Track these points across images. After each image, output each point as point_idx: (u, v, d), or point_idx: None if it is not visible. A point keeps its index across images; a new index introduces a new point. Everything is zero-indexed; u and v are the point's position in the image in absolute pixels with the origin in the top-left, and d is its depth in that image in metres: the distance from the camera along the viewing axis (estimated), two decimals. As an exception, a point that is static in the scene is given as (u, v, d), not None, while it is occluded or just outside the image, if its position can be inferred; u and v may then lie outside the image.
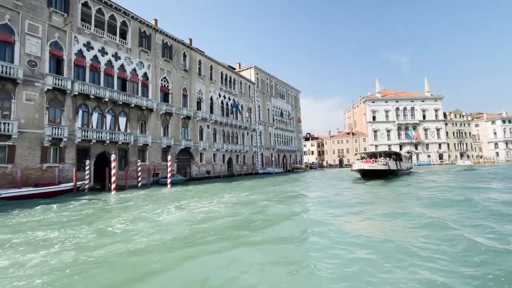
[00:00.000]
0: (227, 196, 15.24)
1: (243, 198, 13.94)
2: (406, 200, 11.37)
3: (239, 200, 13.10)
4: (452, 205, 9.84)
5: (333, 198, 13.18)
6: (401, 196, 12.87)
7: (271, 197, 13.95)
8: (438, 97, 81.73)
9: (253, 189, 19.45)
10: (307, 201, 13.03)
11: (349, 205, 10.93)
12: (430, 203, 10.32)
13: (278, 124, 59.36)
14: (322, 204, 11.70)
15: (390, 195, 12.87)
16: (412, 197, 12.02)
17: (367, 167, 22.08)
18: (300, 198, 13.88)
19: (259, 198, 13.47)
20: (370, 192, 14.95)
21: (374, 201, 11.67)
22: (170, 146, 31.35)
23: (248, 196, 15.01)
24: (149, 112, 29.44)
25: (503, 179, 20.73)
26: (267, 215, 9.62)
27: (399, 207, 9.93)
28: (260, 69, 54.82)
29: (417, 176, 26.81)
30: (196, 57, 37.74)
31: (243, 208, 10.81)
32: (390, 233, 6.69)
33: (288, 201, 12.76)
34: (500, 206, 9.42)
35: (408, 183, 19.17)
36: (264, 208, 10.67)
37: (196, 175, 35.44)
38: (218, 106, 41.55)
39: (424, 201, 11.00)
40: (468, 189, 13.74)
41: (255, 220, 8.80)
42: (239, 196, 14.92)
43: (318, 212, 9.72)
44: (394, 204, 10.64)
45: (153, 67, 30.71)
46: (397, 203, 10.98)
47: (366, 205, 10.58)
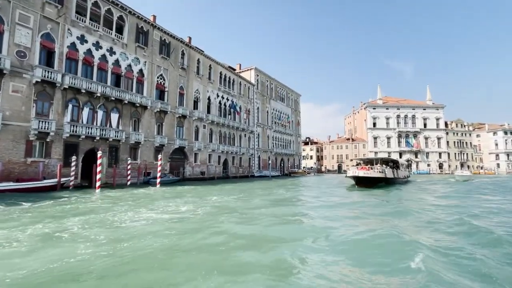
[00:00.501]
0: (208, 201, 14.45)
1: (224, 204, 13.05)
2: (391, 218, 9.73)
3: (217, 207, 12.10)
4: (443, 229, 7.91)
5: (319, 211, 11.48)
6: (388, 210, 11.46)
7: (254, 205, 12.64)
8: (439, 106, 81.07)
9: (241, 193, 18.64)
10: (283, 218, 9.91)
11: (329, 219, 9.61)
12: (416, 225, 8.64)
13: (277, 127, 58.69)
14: (296, 224, 9.10)
15: (376, 210, 11.31)
16: (399, 213, 10.73)
17: (361, 174, 21.02)
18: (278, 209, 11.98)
19: (240, 207, 12.24)
20: (359, 203, 13.32)
21: (359, 216, 10.17)
22: (164, 145, 30.67)
23: (228, 203, 13.85)
24: (143, 109, 28.80)
25: (504, 193, 19.89)
26: (233, 236, 7.23)
27: (380, 226, 8.29)
28: (260, 71, 54.28)
29: (413, 185, 25.73)
30: (195, 55, 37.18)
31: (212, 219, 9.66)
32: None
33: (262, 216, 10.29)
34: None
35: (400, 195, 17.70)
36: (230, 227, 8.37)
37: (190, 175, 34.71)
38: (216, 106, 40.92)
39: (411, 221, 9.21)
40: (463, 208, 11.95)
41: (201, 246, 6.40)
42: (219, 202, 13.93)
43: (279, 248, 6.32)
44: (376, 222, 9.09)
45: (149, 64, 30.12)
46: (380, 221, 9.36)
47: (347, 221, 9.34)
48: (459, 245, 6.24)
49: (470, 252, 5.69)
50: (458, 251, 5.80)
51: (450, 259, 5.29)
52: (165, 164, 31.31)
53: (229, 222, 8.76)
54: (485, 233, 7.15)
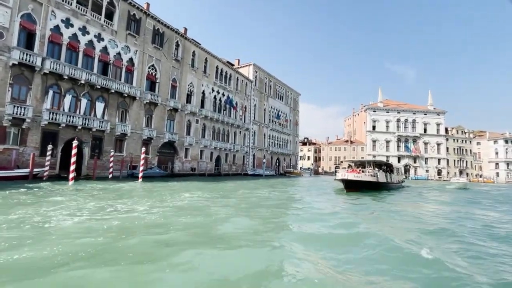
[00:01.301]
0: (176, 199, 13.20)
1: (190, 204, 11.79)
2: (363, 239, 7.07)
3: (178, 207, 10.73)
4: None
5: (295, 219, 9.85)
6: (368, 223, 9.32)
7: (220, 209, 10.57)
8: (441, 111, 79.85)
9: (220, 192, 17.45)
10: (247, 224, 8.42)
11: (298, 235, 7.54)
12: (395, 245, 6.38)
13: (274, 126, 57.53)
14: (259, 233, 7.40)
15: (347, 229, 8.35)
16: (362, 237, 7.43)
17: (351, 177, 19.38)
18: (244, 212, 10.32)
19: (205, 208, 10.63)
20: (335, 217, 10.17)
21: (331, 231, 7.93)
22: (152, 138, 29.55)
23: (197, 202, 12.47)
24: (131, 100, 27.66)
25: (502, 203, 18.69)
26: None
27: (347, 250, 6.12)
28: (259, 67, 53.07)
29: (405, 192, 23.74)
30: (190, 47, 35.98)
31: (172, 217, 8.58)
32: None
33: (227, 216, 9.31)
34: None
35: (388, 203, 15.10)
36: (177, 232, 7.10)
37: (179, 171, 33.61)
38: (210, 101, 39.77)
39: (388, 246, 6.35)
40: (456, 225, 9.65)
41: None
42: (188, 201, 12.64)
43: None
44: (347, 242, 6.90)
45: (140, 53, 28.95)
46: (352, 240, 7.08)
47: (315, 240, 7.06)
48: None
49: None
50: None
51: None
52: (153, 158, 30.27)
53: (172, 229, 7.26)
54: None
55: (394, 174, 26.23)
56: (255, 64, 51.59)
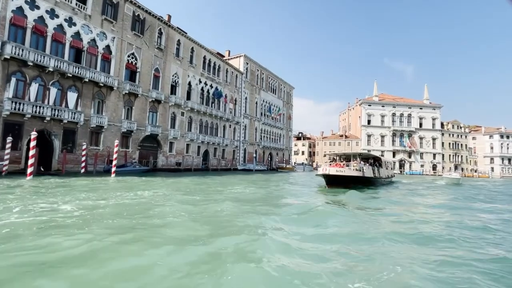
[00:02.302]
0: (138, 194, 11.81)
1: (142, 201, 10.38)
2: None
3: (119, 205, 9.23)
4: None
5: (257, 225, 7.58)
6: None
7: (169, 209, 8.98)
8: (436, 106, 78.78)
9: (188, 188, 15.86)
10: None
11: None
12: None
13: (266, 120, 56.01)
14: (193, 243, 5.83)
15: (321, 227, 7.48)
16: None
17: (333, 172, 17.28)
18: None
19: (148, 208, 9.04)
20: (305, 223, 8.29)
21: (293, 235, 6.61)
22: (132, 131, 27.95)
23: (156, 198, 11.16)
24: (108, 90, 25.97)
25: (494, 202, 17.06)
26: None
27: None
28: (250, 59, 51.29)
29: (393, 188, 21.90)
30: (174, 36, 34.16)
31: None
32: None
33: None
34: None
35: (367, 205, 12.23)
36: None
37: (163, 166, 32.09)
38: (197, 93, 38.10)
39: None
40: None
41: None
42: (138, 198, 11.04)
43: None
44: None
45: (118, 40, 27.16)
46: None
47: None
48: None
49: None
50: None
51: None
52: (133, 152, 28.71)
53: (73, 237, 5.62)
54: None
55: (383, 168, 24.43)
56: (246, 55, 49.79)
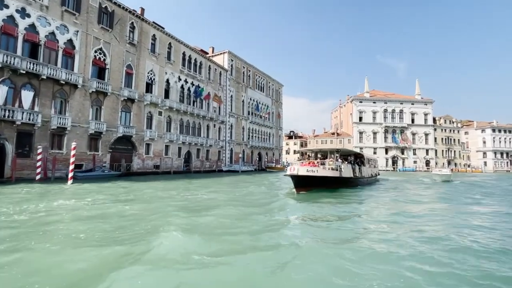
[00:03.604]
0: (65, 204, 9.97)
1: (62, 212, 8.58)
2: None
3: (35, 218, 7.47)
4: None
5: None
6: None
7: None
8: (428, 101, 77.83)
9: (145, 193, 14.11)
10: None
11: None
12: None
13: (253, 118, 54.08)
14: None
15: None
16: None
17: (302, 173, 14.20)
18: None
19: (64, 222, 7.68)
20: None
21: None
22: (102, 133, 25.80)
23: (90, 207, 9.44)
24: (72, 88, 23.80)
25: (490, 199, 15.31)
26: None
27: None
28: (235, 55, 49.34)
29: (375, 191, 18.02)
30: (149, 30, 32.06)
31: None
32: None
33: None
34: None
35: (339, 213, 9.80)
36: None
37: (139, 169, 29.97)
38: (177, 91, 36.03)
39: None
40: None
41: None
42: (66, 208, 9.36)
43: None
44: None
45: (83, 34, 25.00)
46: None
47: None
48: None
49: None
50: None
51: None
52: (103, 156, 26.55)
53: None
54: None
55: (365, 166, 21.98)
56: (230, 51, 47.83)
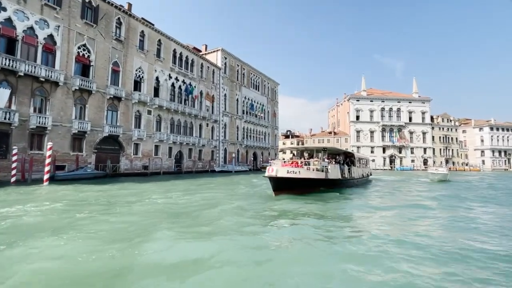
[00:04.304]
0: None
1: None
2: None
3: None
4: None
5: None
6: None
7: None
8: (426, 99, 77.12)
9: (107, 196, 13.08)
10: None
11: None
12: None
13: (248, 117, 53.11)
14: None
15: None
16: None
17: (281, 174, 12.48)
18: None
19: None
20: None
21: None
22: (86, 132, 24.75)
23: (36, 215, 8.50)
24: (53, 86, 22.73)
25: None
26: None
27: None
28: (229, 53, 48.35)
29: (361, 195, 15.60)
30: (137, 26, 31.02)
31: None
32: None
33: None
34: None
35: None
36: None
37: (127, 170, 28.94)
38: (167, 90, 35.01)
39: None
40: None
41: None
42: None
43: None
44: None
45: (65, 30, 23.94)
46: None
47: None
48: None
49: None
50: None
51: None
52: (88, 156, 25.51)
53: None
54: None
55: (355, 166, 20.37)
56: (224, 49, 46.83)
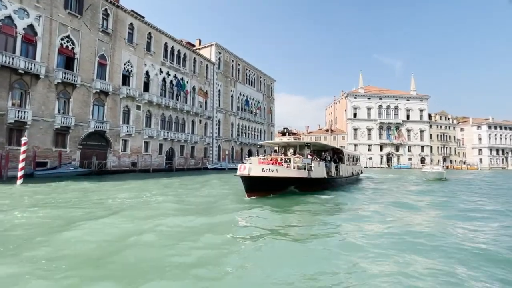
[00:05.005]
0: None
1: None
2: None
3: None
4: None
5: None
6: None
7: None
8: (424, 97, 76.35)
9: (73, 196, 12.09)
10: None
11: None
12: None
13: (243, 114, 52.15)
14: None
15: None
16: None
17: (255, 173, 10.97)
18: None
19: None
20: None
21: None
22: (70, 127, 23.76)
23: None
24: (33, 78, 21.71)
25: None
26: None
27: None
28: (223, 48, 47.27)
29: (351, 200, 12.65)
30: (125, 18, 29.94)
31: None
32: None
33: None
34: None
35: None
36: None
37: (114, 167, 27.99)
38: (158, 85, 34.00)
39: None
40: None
41: None
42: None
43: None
44: None
45: (47, 20, 22.86)
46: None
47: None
48: None
49: None
50: None
51: None
52: (73, 152, 24.55)
53: None
54: None
55: (344, 164, 18.96)
56: (218, 44, 45.76)
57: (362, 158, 71.94)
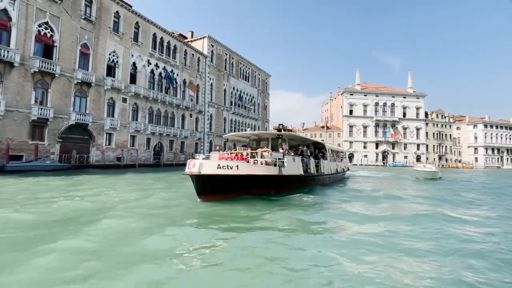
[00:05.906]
0: None
1: None
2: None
3: None
4: None
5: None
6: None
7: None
8: (420, 95, 75.59)
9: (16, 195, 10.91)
10: None
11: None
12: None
13: (236, 109, 51.00)
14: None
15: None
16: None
17: (208, 171, 9.01)
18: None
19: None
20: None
21: None
22: (48, 119, 22.52)
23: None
24: (7, 66, 20.41)
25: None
26: None
27: None
28: (216, 41, 45.91)
29: (328, 195, 12.51)
30: (110, 6, 28.53)
31: None
32: None
33: None
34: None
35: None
36: None
37: (98, 161, 26.83)
38: (146, 77, 32.71)
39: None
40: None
41: None
42: None
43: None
44: None
45: (22, 4, 21.49)
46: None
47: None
48: None
49: None
50: None
51: None
52: (51, 146, 23.34)
53: None
54: None
55: (327, 159, 16.91)
56: (211, 36, 44.39)
57: (357, 155, 71.58)
